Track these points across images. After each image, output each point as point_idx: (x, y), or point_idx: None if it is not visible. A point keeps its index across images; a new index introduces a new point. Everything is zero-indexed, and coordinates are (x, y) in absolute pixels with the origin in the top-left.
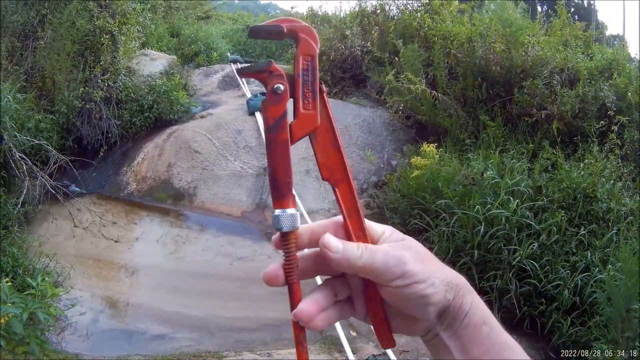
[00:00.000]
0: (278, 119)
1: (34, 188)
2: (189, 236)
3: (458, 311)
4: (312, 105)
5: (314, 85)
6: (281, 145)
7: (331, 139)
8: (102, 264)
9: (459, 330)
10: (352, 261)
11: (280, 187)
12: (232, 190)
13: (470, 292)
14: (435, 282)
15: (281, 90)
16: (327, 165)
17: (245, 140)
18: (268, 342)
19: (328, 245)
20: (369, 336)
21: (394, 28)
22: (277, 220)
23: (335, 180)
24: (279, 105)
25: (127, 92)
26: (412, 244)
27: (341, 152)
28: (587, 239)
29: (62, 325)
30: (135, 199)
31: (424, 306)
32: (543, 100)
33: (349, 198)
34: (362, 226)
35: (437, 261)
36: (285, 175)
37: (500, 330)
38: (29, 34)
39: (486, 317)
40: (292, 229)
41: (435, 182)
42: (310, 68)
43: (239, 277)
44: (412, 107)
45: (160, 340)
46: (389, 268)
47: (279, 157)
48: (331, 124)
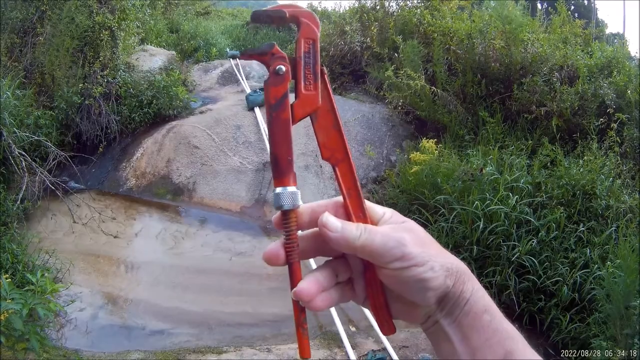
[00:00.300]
0: (280, 99)
1: (33, 184)
2: (188, 232)
3: (458, 298)
4: (314, 86)
5: (315, 67)
6: (282, 124)
7: (332, 120)
8: (101, 259)
9: (460, 317)
10: (350, 241)
11: (281, 165)
12: (231, 186)
13: (471, 279)
14: (434, 266)
15: (283, 71)
16: (328, 146)
17: (245, 136)
18: (267, 337)
19: (327, 224)
20: (368, 332)
21: (394, 24)
22: (278, 198)
23: (335, 160)
24: (280, 86)
25: (126, 88)
26: (413, 227)
27: (342, 133)
28: (586, 236)
29: (62, 321)
30: (134, 194)
31: (422, 290)
32: (542, 97)
33: (349, 178)
34: (362, 207)
35: (438, 246)
36: (286, 154)
37: (502, 319)
38: (28, 30)
39: (488, 305)
40: (293, 207)
41: (434, 177)
42: (311, 51)
43: (238, 272)
44: (411, 103)
45: (160, 335)
46: (387, 250)
47: (280, 136)
48: (332, 105)
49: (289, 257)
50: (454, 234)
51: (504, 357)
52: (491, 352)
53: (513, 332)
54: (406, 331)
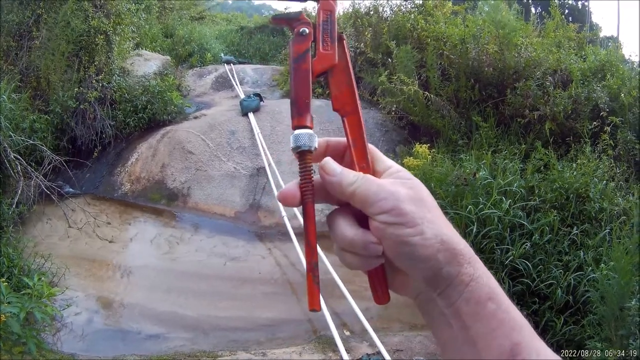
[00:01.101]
0: (302, 54)
1: (29, 188)
2: (182, 236)
3: (454, 281)
4: (331, 47)
5: (332, 32)
6: (303, 73)
7: (346, 77)
8: (96, 264)
9: (458, 304)
10: (344, 186)
11: (300, 105)
12: (225, 191)
13: (473, 263)
14: (425, 232)
15: (306, 32)
16: (339, 99)
17: (239, 141)
18: (262, 341)
19: (325, 168)
20: (362, 336)
21: (387, 29)
22: (297, 139)
23: (344, 112)
24: (303, 44)
25: (121, 93)
26: (417, 185)
27: (354, 90)
28: (580, 239)
29: (58, 326)
30: (129, 199)
31: (408, 257)
32: (536, 101)
33: (356, 130)
34: (366, 157)
35: (441, 215)
36: (304, 97)
37: (509, 308)
38: (24, 33)
39: (493, 292)
40: (309, 148)
41: (427, 182)
42: (329, 20)
43: (232, 277)
44: (404, 108)
45: (155, 340)
46: (378, 199)
47: (300, 82)
48: (347, 66)
49: (303, 196)
50: None
51: (510, 349)
52: (496, 344)
53: (522, 322)
54: (401, 334)
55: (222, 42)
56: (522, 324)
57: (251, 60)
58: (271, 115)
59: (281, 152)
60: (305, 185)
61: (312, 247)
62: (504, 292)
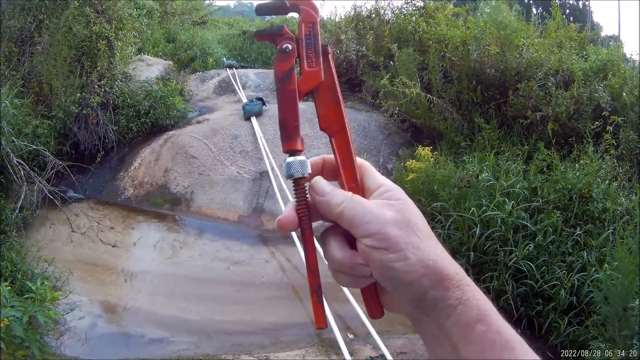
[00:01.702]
0: (286, 72)
1: (32, 193)
2: (186, 241)
3: (440, 304)
4: (316, 63)
5: (316, 46)
6: (289, 94)
7: (332, 95)
8: (100, 268)
9: (447, 326)
10: (332, 206)
11: (288, 129)
12: (228, 195)
13: (461, 286)
14: (409, 258)
15: (289, 49)
16: (326, 117)
17: (242, 145)
18: (266, 345)
19: (315, 187)
20: (366, 339)
21: (389, 32)
22: (288, 167)
23: (332, 132)
24: (287, 62)
25: (123, 98)
26: (406, 209)
27: (340, 107)
28: (583, 239)
29: (61, 330)
30: (132, 204)
31: (393, 281)
32: (538, 102)
33: (344, 149)
34: (355, 178)
35: (430, 238)
36: (292, 120)
37: (501, 329)
38: (26, 39)
39: (483, 314)
40: (302, 175)
41: (430, 185)
42: (312, 33)
43: (235, 281)
44: (407, 111)
45: (159, 344)
46: (363, 222)
47: (287, 104)
48: (334, 81)
49: (301, 222)
50: (450, 241)
51: None
52: None
53: (514, 342)
54: (404, 337)
55: (224, 46)
56: (515, 345)
57: (253, 65)
58: (274, 119)
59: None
60: (302, 211)
61: (313, 270)
62: (496, 313)
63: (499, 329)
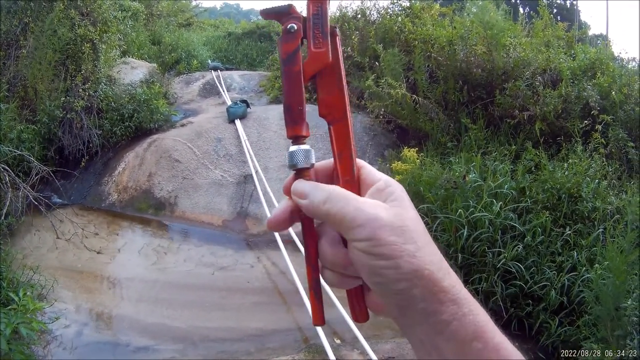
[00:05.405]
0: (291, 54)
1: (17, 199)
2: (170, 246)
3: (432, 319)
4: (323, 44)
5: (324, 27)
6: (294, 76)
7: (336, 79)
8: (85, 276)
9: (437, 341)
10: (315, 206)
11: (294, 113)
12: (212, 199)
13: (457, 300)
14: (402, 267)
15: (294, 29)
16: (327, 103)
17: (226, 149)
18: (252, 352)
19: (296, 192)
20: (353, 344)
21: (375, 33)
22: (292, 156)
23: (332, 119)
24: (291, 42)
25: (107, 101)
26: (402, 211)
27: (344, 94)
28: (573, 239)
29: (48, 339)
30: (116, 209)
31: (381, 287)
32: (525, 101)
33: (343, 139)
34: (352, 170)
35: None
36: (297, 103)
37: (499, 346)
38: (11, 42)
39: (479, 330)
40: (306, 165)
41: (417, 186)
42: (320, 13)
43: (220, 287)
44: (392, 112)
45: (145, 352)
46: (355, 225)
47: (292, 87)
48: (339, 66)
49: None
50: (437, 243)
51: None
52: None
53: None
54: (392, 342)
55: (209, 48)
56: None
57: (239, 67)
58: (258, 121)
59: (268, 159)
60: None
61: (312, 264)
62: (495, 328)
63: (496, 346)
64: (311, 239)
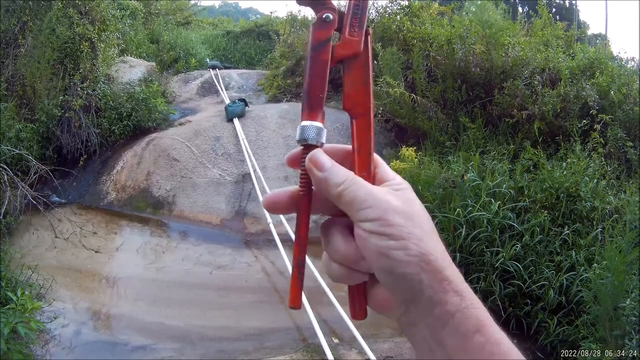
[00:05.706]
0: (322, 42)
1: (15, 198)
2: (168, 245)
3: (437, 310)
4: (358, 33)
5: (362, 18)
6: (320, 64)
7: (364, 75)
8: (83, 275)
9: (442, 335)
10: (331, 185)
11: (313, 99)
12: (211, 198)
13: (460, 292)
14: (410, 248)
15: (330, 19)
16: (352, 98)
17: (224, 147)
18: (250, 351)
19: (313, 160)
20: (351, 343)
21: (373, 31)
22: (303, 130)
23: (355, 113)
24: (325, 31)
25: (106, 100)
26: (411, 200)
27: (369, 89)
28: (572, 238)
29: (46, 338)
30: (115, 208)
31: (389, 272)
32: (524, 100)
33: (364, 135)
34: (369, 167)
35: (433, 234)
36: (318, 91)
37: (499, 341)
38: (10, 41)
39: (481, 324)
40: (316, 143)
41: (415, 185)
42: (361, 5)
43: (218, 286)
44: (391, 111)
45: (143, 351)
46: (365, 207)
47: (316, 74)
48: (368, 62)
49: (300, 189)
50: None
51: None
52: None
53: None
54: (390, 341)
55: (208, 47)
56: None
57: (237, 65)
58: (256, 120)
59: (266, 158)
60: (305, 178)
61: (302, 243)
62: (494, 323)
63: (497, 340)
64: (304, 216)
